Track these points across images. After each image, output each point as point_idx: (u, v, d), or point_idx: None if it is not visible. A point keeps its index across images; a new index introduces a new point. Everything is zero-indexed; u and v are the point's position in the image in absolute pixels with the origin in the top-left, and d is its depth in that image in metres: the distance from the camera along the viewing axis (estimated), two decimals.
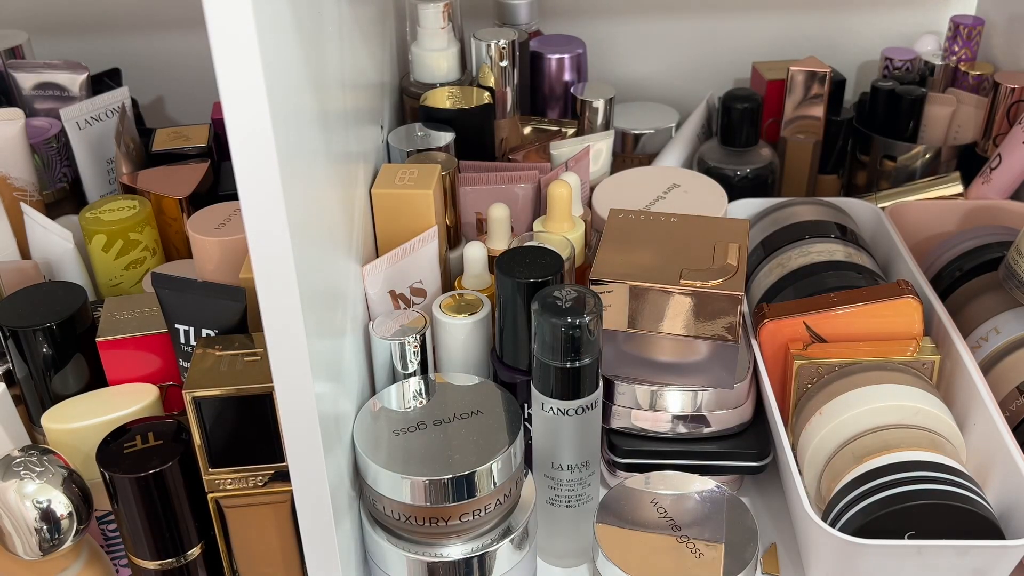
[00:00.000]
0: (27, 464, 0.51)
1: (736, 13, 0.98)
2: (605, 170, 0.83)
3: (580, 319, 0.52)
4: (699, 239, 0.62)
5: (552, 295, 0.53)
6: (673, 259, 0.60)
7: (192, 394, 0.49)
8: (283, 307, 0.41)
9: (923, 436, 0.57)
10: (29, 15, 0.94)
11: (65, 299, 0.59)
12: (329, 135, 0.50)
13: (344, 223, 0.55)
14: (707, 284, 0.57)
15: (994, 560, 0.53)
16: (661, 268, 0.59)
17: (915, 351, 0.62)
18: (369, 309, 0.61)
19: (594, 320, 0.53)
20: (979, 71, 0.88)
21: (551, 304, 0.53)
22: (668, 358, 0.61)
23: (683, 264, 0.59)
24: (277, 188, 0.38)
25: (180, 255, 0.75)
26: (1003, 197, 0.80)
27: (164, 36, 0.96)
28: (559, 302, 0.53)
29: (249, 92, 0.36)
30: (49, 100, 0.83)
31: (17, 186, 0.76)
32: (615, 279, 0.59)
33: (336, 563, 0.49)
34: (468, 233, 0.73)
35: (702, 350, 0.60)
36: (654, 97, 1.00)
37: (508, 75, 0.79)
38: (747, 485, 0.67)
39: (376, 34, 0.70)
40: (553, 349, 0.53)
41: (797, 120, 0.87)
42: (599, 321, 0.53)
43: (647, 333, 0.59)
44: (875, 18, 0.98)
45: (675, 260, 0.60)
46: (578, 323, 0.52)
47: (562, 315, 0.52)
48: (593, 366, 0.54)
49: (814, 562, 0.56)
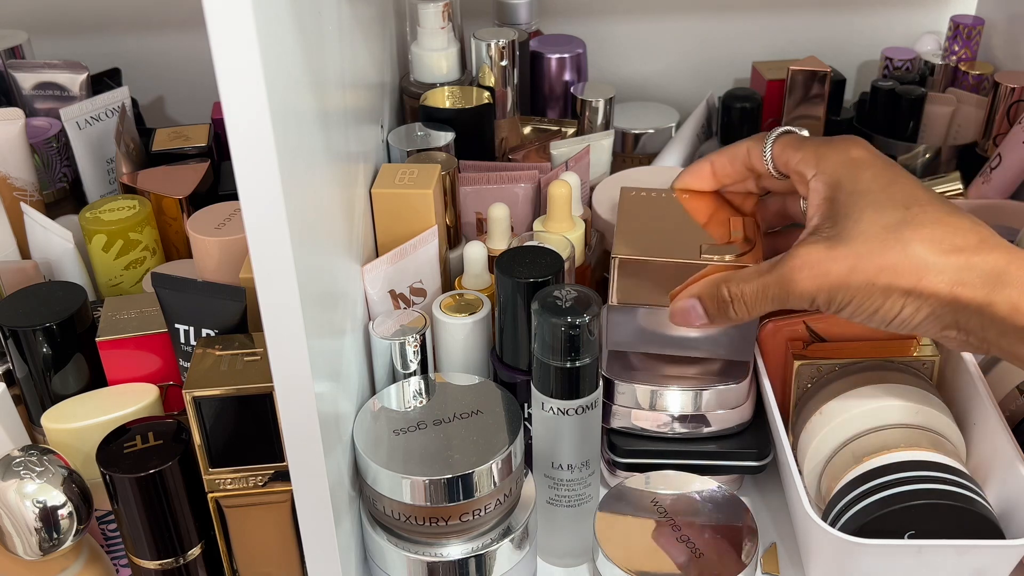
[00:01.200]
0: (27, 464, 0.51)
1: (736, 13, 0.98)
2: (605, 170, 0.83)
3: (580, 319, 0.52)
4: (714, 214, 0.63)
5: (552, 295, 0.54)
6: (691, 235, 0.60)
7: (192, 394, 0.49)
8: (283, 307, 0.41)
9: (923, 436, 0.57)
10: (29, 15, 0.94)
11: (65, 299, 0.59)
12: (329, 135, 0.50)
13: (344, 223, 0.55)
14: (727, 258, 0.57)
15: (994, 560, 0.53)
16: (680, 244, 0.59)
17: (915, 351, 0.62)
18: (369, 309, 0.61)
19: (594, 320, 0.53)
20: (979, 71, 0.88)
21: (551, 304, 0.53)
22: (687, 332, 0.61)
23: (700, 239, 0.60)
24: (277, 188, 0.38)
25: (180, 255, 0.75)
26: (1003, 197, 0.80)
27: (164, 36, 0.96)
28: (559, 302, 0.53)
29: (249, 92, 0.36)
30: (49, 100, 0.83)
31: (17, 186, 0.76)
32: (637, 255, 0.59)
33: (336, 563, 0.49)
34: (468, 233, 0.73)
35: None
36: (654, 97, 1.00)
37: (508, 75, 0.79)
38: (747, 485, 0.67)
39: (376, 34, 0.70)
40: (553, 349, 0.53)
41: (797, 120, 0.87)
42: (598, 321, 0.53)
43: (668, 308, 0.60)
44: (875, 18, 0.98)
45: (693, 236, 0.60)
46: (578, 323, 0.52)
47: (562, 315, 0.52)
48: (593, 366, 0.54)
49: (814, 562, 0.56)
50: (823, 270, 0.50)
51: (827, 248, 0.50)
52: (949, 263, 0.48)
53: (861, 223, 0.50)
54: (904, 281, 0.48)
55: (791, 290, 0.51)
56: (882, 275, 0.49)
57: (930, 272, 0.48)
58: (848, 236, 0.50)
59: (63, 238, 0.69)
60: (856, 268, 0.49)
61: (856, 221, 0.50)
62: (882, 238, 0.49)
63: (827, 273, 0.50)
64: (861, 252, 0.49)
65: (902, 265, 0.48)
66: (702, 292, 0.56)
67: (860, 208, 0.51)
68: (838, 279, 0.50)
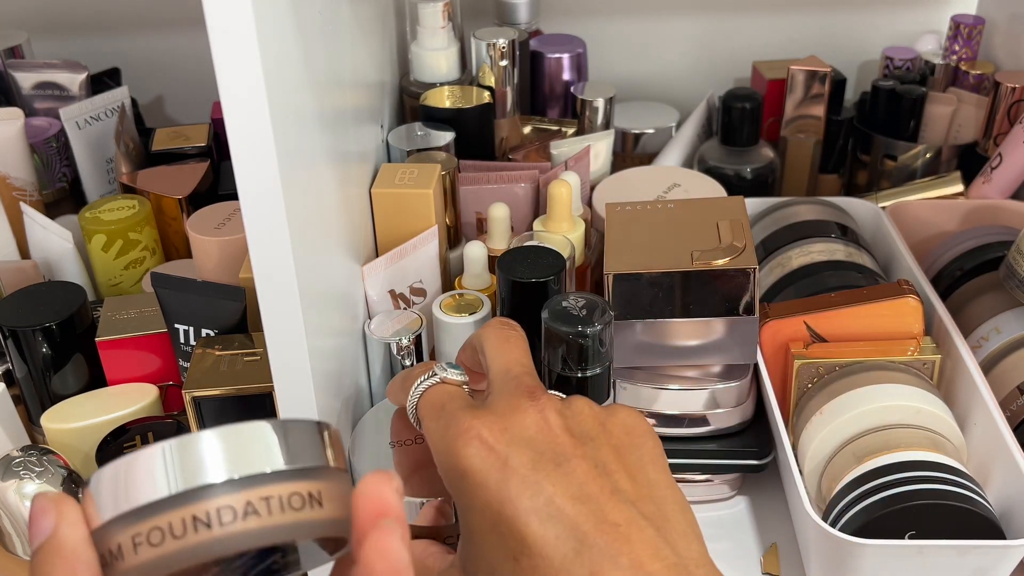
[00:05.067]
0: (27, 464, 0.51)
1: (736, 13, 0.98)
2: (605, 169, 0.83)
3: (590, 328, 0.51)
4: (700, 221, 0.62)
5: (562, 304, 0.52)
6: (681, 243, 0.60)
7: (192, 394, 0.49)
8: (283, 307, 0.41)
9: (924, 436, 0.57)
10: (29, 15, 0.94)
11: (65, 299, 0.59)
12: (329, 135, 0.50)
13: (344, 223, 0.55)
14: (720, 262, 0.57)
15: (994, 560, 0.53)
16: (672, 253, 0.59)
17: (916, 351, 0.62)
18: (369, 309, 0.61)
19: (605, 329, 0.52)
20: (980, 70, 0.88)
21: (562, 313, 0.52)
22: (687, 341, 0.61)
23: (691, 247, 0.59)
24: (277, 188, 0.38)
25: (180, 255, 0.75)
26: (1004, 196, 0.80)
27: (164, 36, 0.96)
28: (571, 311, 0.52)
29: (249, 92, 0.36)
30: (49, 100, 0.83)
31: (17, 186, 0.76)
32: (631, 268, 0.59)
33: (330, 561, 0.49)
34: (468, 233, 0.73)
35: (720, 328, 0.60)
36: (654, 97, 1.00)
37: (508, 74, 0.79)
38: (747, 485, 0.67)
39: (376, 33, 0.70)
40: (563, 359, 0.52)
41: (798, 119, 0.87)
42: (609, 330, 0.52)
43: (666, 321, 0.60)
44: (876, 17, 0.98)
45: (683, 244, 0.60)
46: (588, 333, 0.51)
47: (572, 324, 0.51)
48: (603, 375, 0.53)
49: (814, 562, 0.56)
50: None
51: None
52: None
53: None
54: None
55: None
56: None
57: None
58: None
59: (63, 238, 0.69)
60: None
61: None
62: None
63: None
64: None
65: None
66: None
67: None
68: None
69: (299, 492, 0.27)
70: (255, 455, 0.27)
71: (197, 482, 0.26)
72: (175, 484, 0.26)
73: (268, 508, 0.26)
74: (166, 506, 0.26)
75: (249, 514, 0.26)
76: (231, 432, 0.27)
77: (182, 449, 0.26)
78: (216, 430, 0.27)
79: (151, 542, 0.26)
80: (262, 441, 0.27)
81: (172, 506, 0.26)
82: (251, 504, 0.26)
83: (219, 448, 0.26)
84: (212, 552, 0.26)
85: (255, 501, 0.26)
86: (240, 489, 0.26)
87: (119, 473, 0.27)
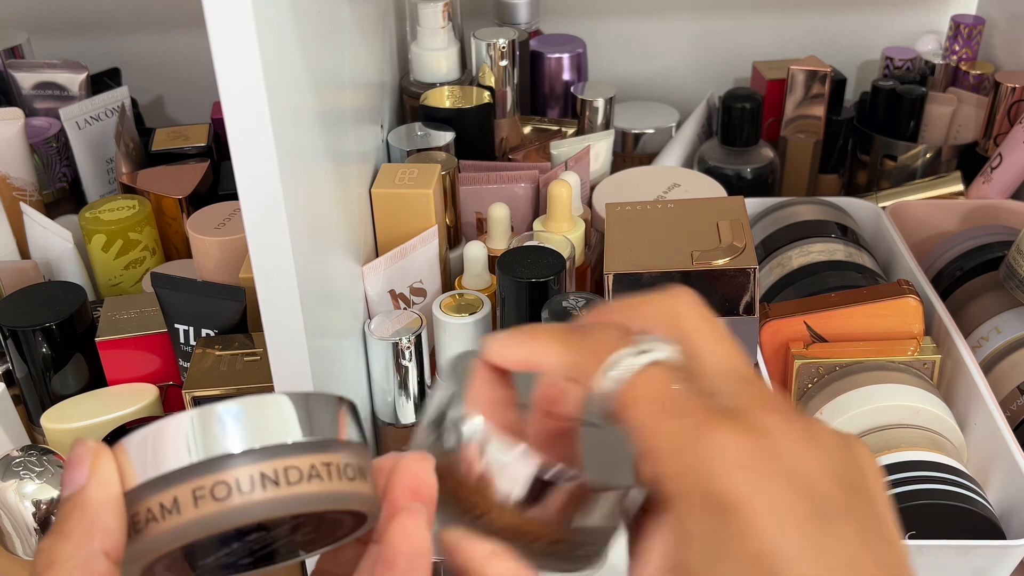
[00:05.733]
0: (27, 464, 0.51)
1: (736, 13, 0.98)
2: (605, 170, 0.83)
3: None
4: (700, 221, 0.62)
5: (562, 304, 0.53)
6: (681, 243, 0.60)
7: (192, 394, 0.49)
8: (283, 307, 0.41)
9: (924, 436, 0.57)
10: (29, 15, 0.94)
11: (65, 299, 0.59)
12: (329, 135, 0.50)
13: (344, 223, 0.54)
14: (720, 262, 0.57)
15: (995, 560, 0.53)
16: (672, 253, 0.59)
17: (916, 351, 0.62)
18: (369, 309, 0.61)
19: None
20: (980, 70, 0.88)
21: (562, 313, 0.52)
22: None
23: (691, 247, 0.59)
24: (277, 188, 0.38)
25: (180, 255, 0.75)
26: (1004, 196, 0.80)
27: (164, 36, 0.96)
28: (572, 311, 0.52)
29: (249, 92, 0.36)
30: (49, 100, 0.83)
31: (17, 186, 0.76)
32: (631, 268, 0.59)
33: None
34: (468, 233, 0.73)
35: None
36: (654, 97, 1.00)
37: (508, 74, 0.79)
38: None
39: (376, 33, 0.70)
40: None
41: (798, 119, 0.87)
42: None
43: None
44: (876, 17, 0.98)
45: (683, 244, 0.60)
46: None
47: None
48: None
49: None
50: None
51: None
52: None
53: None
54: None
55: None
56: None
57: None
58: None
59: (63, 238, 0.69)
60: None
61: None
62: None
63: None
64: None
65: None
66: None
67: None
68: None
69: (318, 464, 0.27)
70: (276, 426, 0.27)
71: (216, 451, 0.26)
72: (196, 453, 0.26)
73: (287, 478, 0.26)
74: (187, 474, 0.26)
75: (268, 484, 0.26)
76: (253, 403, 0.27)
77: (204, 419, 0.26)
78: (238, 400, 0.27)
79: (177, 508, 0.26)
80: (283, 413, 0.27)
81: (193, 475, 0.26)
82: (270, 474, 0.26)
83: (241, 419, 0.26)
84: (231, 521, 0.26)
85: (275, 471, 0.26)
86: (259, 460, 0.26)
87: (148, 439, 0.27)
